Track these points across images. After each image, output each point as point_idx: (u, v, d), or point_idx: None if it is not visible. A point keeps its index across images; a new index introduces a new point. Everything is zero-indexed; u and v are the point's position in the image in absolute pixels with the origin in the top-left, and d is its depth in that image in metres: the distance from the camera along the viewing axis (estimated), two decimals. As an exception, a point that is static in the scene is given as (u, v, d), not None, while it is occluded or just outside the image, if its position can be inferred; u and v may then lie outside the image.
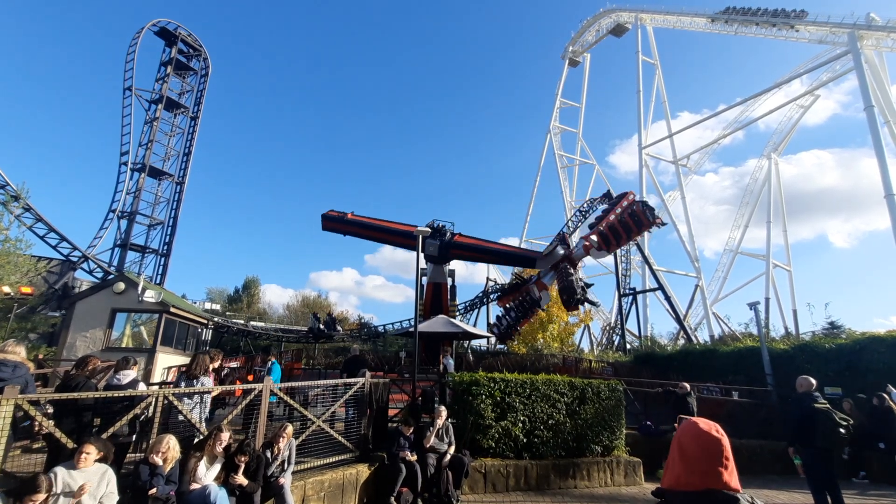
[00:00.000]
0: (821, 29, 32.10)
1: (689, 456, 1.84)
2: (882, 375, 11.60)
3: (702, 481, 1.79)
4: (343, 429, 7.54)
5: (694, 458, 1.83)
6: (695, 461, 1.82)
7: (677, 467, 1.89)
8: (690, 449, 1.84)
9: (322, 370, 20.37)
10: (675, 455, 1.91)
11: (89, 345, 16.04)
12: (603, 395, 9.44)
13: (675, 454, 1.91)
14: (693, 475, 1.81)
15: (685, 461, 1.85)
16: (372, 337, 37.81)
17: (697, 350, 19.24)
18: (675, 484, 1.88)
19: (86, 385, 5.49)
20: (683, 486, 1.84)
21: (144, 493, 4.43)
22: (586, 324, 33.84)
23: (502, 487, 7.95)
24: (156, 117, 35.64)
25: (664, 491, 1.98)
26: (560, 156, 56.77)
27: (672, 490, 1.91)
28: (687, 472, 1.84)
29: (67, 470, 4.11)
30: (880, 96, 28.89)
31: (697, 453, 1.82)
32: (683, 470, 1.85)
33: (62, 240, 26.89)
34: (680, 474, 1.86)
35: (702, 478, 1.79)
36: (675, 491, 1.89)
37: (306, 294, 64.23)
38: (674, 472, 1.91)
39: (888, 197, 25.44)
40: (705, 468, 1.79)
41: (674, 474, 1.90)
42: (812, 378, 6.71)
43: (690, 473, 1.82)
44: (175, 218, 36.22)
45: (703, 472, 1.79)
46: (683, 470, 1.85)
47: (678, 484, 1.87)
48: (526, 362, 20.33)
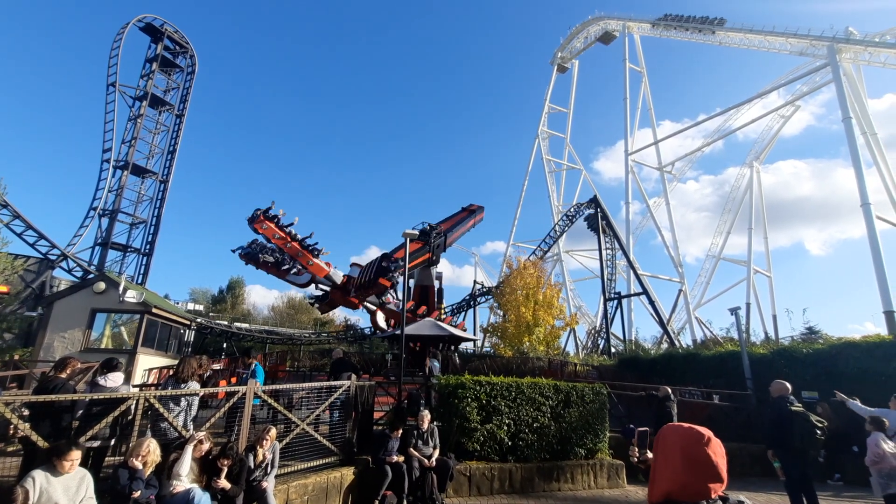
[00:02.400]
0: (801, 41, 32.90)
1: (699, 463, 1.74)
2: (857, 380, 11.90)
3: (710, 488, 1.72)
4: (328, 432, 7.50)
5: (705, 465, 1.73)
6: (705, 468, 1.73)
7: (681, 475, 1.77)
8: (700, 456, 1.74)
9: (307, 372, 20.20)
10: (678, 464, 1.78)
11: (67, 346, 15.67)
12: (587, 399, 9.53)
13: (678, 463, 1.78)
14: (704, 483, 1.73)
15: (693, 469, 1.74)
16: (358, 339, 37.64)
17: (680, 354, 19.54)
18: (681, 493, 1.76)
19: (64, 388, 5.37)
20: (692, 497, 1.73)
21: (124, 498, 4.35)
22: (572, 327, 34.10)
23: (487, 490, 7.98)
24: (140, 114, 35.03)
25: (673, 502, 1.80)
26: (548, 160, 57.22)
27: (674, 499, 1.78)
28: (698, 480, 1.74)
29: (45, 474, 3.97)
30: (857, 108, 29.71)
31: (706, 461, 1.73)
32: (692, 478, 1.74)
33: (40, 237, 26.26)
34: (687, 483, 1.75)
35: (707, 483, 1.72)
36: (683, 502, 1.75)
37: (292, 295, 63.63)
38: (676, 479, 1.78)
39: (864, 206, 26.11)
40: (713, 475, 1.72)
41: (677, 482, 1.78)
42: (787, 382, 6.88)
43: (702, 481, 1.73)
44: (158, 217, 35.65)
45: (709, 479, 1.72)
46: (692, 478, 1.74)
47: (684, 494, 1.75)
48: (512, 365, 20.40)
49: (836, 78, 29.56)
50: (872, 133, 29.95)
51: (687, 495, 1.75)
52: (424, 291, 24.21)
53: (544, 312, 28.14)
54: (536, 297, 28.52)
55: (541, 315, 27.95)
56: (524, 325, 27.60)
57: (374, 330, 33.35)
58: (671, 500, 1.79)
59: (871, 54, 30.03)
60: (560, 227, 39.17)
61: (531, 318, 27.60)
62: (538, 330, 27.86)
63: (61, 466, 4.02)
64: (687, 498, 1.74)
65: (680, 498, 1.76)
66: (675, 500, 1.78)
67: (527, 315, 27.57)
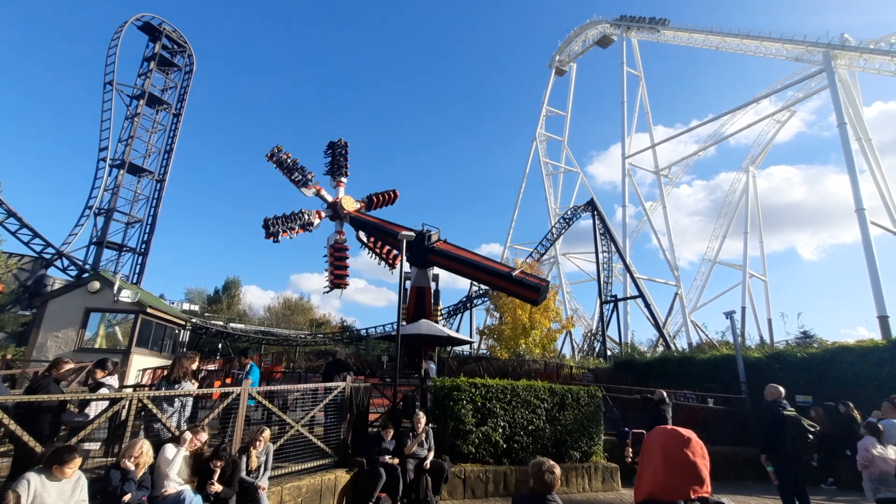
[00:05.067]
0: (798, 47, 33.14)
1: (677, 464, 1.81)
2: (851, 384, 11.99)
3: (688, 489, 1.77)
4: (322, 433, 7.47)
5: (682, 466, 1.80)
6: (682, 469, 1.79)
7: (661, 477, 1.84)
8: (678, 457, 1.81)
9: (302, 373, 20.17)
10: (658, 465, 1.86)
11: (61, 345, 15.57)
12: (582, 402, 9.54)
13: (659, 464, 1.86)
14: (683, 483, 1.78)
15: (672, 470, 1.81)
16: (354, 340, 37.57)
17: (675, 357, 19.60)
18: (662, 493, 1.83)
19: (52, 388, 5.29)
20: (671, 497, 1.80)
21: (116, 499, 4.32)
22: (568, 330, 34.15)
23: (481, 493, 7.97)
24: (137, 113, 34.93)
25: (653, 502, 1.88)
26: (545, 163, 57.35)
27: (659, 500, 1.85)
28: (676, 481, 1.80)
29: (40, 477, 3.87)
30: (852, 114, 29.95)
31: (685, 461, 1.79)
32: (671, 478, 1.81)
33: (35, 236, 26.12)
34: (667, 483, 1.82)
35: (686, 484, 1.77)
36: (664, 501, 1.83)
37: (287, 296, 63.57)
38: (656, 481, 1.85)
39: (859, 211, 26.31)
40: (692, 475, 1.78)
41: (657, 483, 1.85)
42: (780, 386, 6.91)
43: (681, 482, 1.79)
44: (154, 216, 35.53)
45: (688, 480, 1.77)
46: (671, 478, 1.81)
47: (665, 494, 1.82)
48: (508, 368, 20.43)
49: (831, 84, 29.79)
50: (867, 139, 30.21)
51: (667, 495, 1.81)
52: (420, 293, 24.17)
53: (540, 315, 28.18)
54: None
55: (537, 318, 27.99)
56: (520, 327, 27.65)
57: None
58: (653, 499, 1.86)
59: (865, 61, 30.27)
60: (557, 229, 39.23)
61: (527, 320, 27.65)
62: (534, 333, 27.91)
63: (61, 473, 3.92)
64: (667, 498, 1.81)
65: (661, 498, 1.83)
66: (656, 499, 1.84)
67: (523, 318, 27.60)
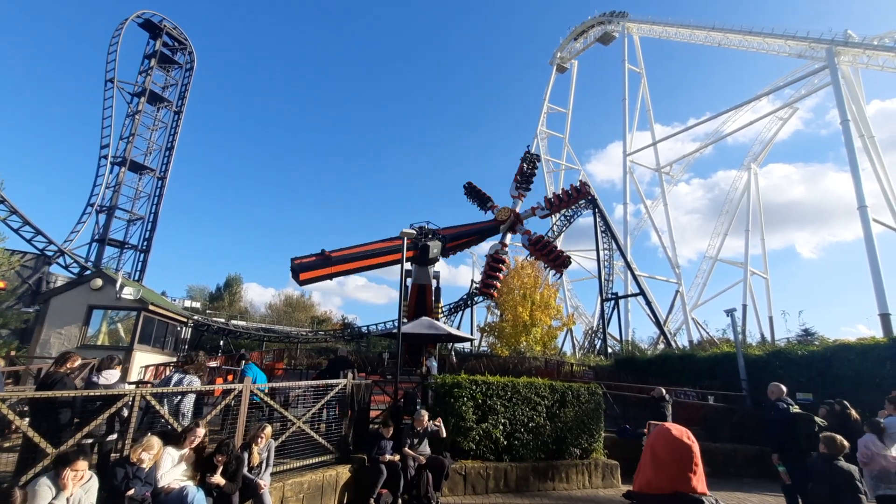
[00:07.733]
0: (800, 43, 32.91)
1: (661, 461, 1.91)
2: (852, 382, 11.97)
3: (670, 485, 1.85)
4: (323, 430, 7.51)
5: (665, 462, 1.89)
6: (665, 466, 1.89)
7: (648, 471, 1.95)
8: (662, 454, 1.91)
9: (304, 370, 20.28)
10: (647, 460, 1.97)
11: (64, 342, 15.66)
12: (583, 399, 9.57)
13: (647, 459, 1.97)
14: (662, 479, 1.88)
15: (656, 466, 1.92)
16: (355, 338, 37.65)
17: (676, 355, 19.62)
18: (646, 487, 1.94)
19: (62, 382, 5.36)
20: (653, 490, 1.91)
21: (119, 495, 4.36)
22: (569, 328, 34.17)
23: (482, 489, 8.01)
24: (138, 110, 34.91)
25: (634, 494, 2.04)
26: (546, 160, 57.22)
27: (642, 493, 1.97)
28: (657, 477, 1.90)
29: (49, 484, 3.81)
30: (855, 111, 29.80)
31: (668, 458, 1.89)
32: (654, 474, 1.92)
33: (37, 233, 26.17)
34: (651, 478, 1.93)
35: (670, 482, 1.86)
36: (645, 494, 1.95)
37: (289, 293, 63.68)
38: (645, 475, 1.97)
39: (861, 209, 26.21)
40: (674, 473, 1.86)
41: (645, 478, 1.96)
42: (783, 385, 6.92)
43: (660, 478, 1.89)
44: (156, 213, 35.55)
45: (672, 477, 1.86)
46: (654, 474, 1.92)
47: (648, 487, 1.93)
48: (508, 365, 20.48)
49: (834, 80, 29.62)
50: (870, 136, 30.02)
51: (650, 489, 1.92)
52: (422, 291, 24.22)
53: (541, 312, 28.23)
54: (534, 297, 28.62)
55: (538, 315, 28.03)
56: (521, 324, 27.68)
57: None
58: (641, 493, 1.97)
59: (869, 57, 30.05)
60: (558, 227, 39.21)
61: (528, 318, 27.68)
62: (535, 330, 27.95)
63: (66, 476, 3.86)
64: (650, 492, 1.92)
65: (645, 491, 1.95)
66: (644, 493, 1.96)
67: (524, 315, 27.64)
